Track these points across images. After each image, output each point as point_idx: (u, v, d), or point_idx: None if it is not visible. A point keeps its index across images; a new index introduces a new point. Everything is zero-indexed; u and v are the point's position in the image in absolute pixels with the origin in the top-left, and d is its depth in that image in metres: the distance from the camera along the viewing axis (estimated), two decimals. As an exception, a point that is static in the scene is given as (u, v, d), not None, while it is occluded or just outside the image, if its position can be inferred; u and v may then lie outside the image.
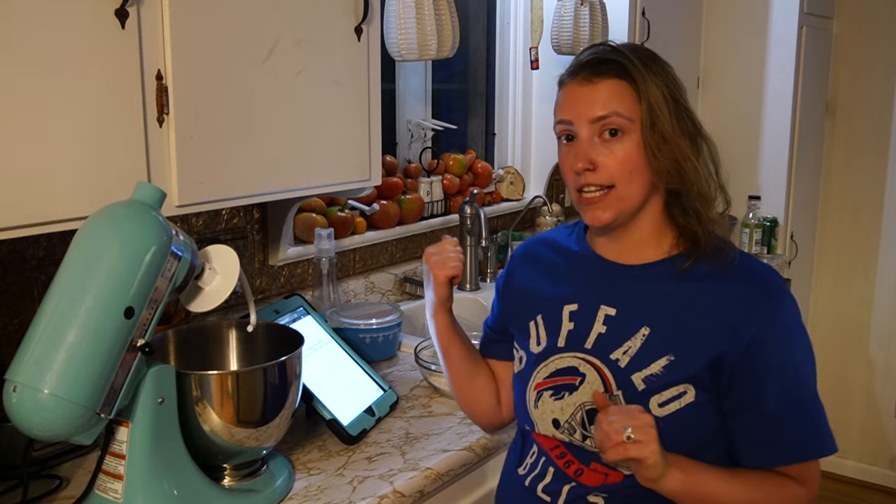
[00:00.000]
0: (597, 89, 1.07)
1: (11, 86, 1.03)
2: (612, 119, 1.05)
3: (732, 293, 1.06)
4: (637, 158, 1.06)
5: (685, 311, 1.07)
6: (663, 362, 1.06)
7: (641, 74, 1.06)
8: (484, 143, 2.68)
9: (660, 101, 1.06)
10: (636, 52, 1.09)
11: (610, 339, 1.10)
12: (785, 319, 1.06)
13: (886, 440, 3.34)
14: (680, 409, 1.05)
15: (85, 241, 1.00)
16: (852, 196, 3.29)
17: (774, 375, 1.04)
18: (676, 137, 1.06)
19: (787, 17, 2.87)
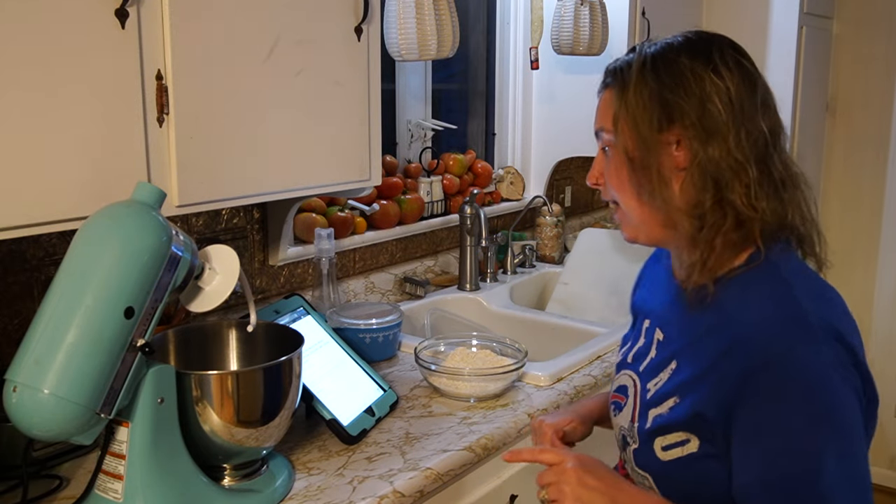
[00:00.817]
0: (601, 102, 1.05)
1: (11, 86, 1.03)
2: (602, 134, 1.03)
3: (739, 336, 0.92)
4: (620, 171, 1.00)
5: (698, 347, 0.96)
6: (671, 403, 0.98)
7: (628, 81, 0.98)
8: (484, 143, 2.68)
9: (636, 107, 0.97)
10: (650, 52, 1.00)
11: (654, 367, 1.04)
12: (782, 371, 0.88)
13: (886, 440, 3.34)
14: (683, 457, 0.96)
15: (85, 241, 1.00)
16: (852, 195, 3.29)
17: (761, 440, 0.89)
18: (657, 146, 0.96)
19: (787, 17, 2.86)
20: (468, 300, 2.18)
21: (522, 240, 2.56)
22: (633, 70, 0.98)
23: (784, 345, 0.88)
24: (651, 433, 1.00)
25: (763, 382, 0.88)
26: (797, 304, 0.92)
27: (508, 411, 1.49)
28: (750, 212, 0.95)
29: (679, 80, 0.96)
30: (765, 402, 0.88)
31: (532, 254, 2.51)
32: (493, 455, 1.41)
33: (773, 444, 0.88)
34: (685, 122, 0.96)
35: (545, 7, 2.41)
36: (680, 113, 0.96)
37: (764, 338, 0.90)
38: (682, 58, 0.97)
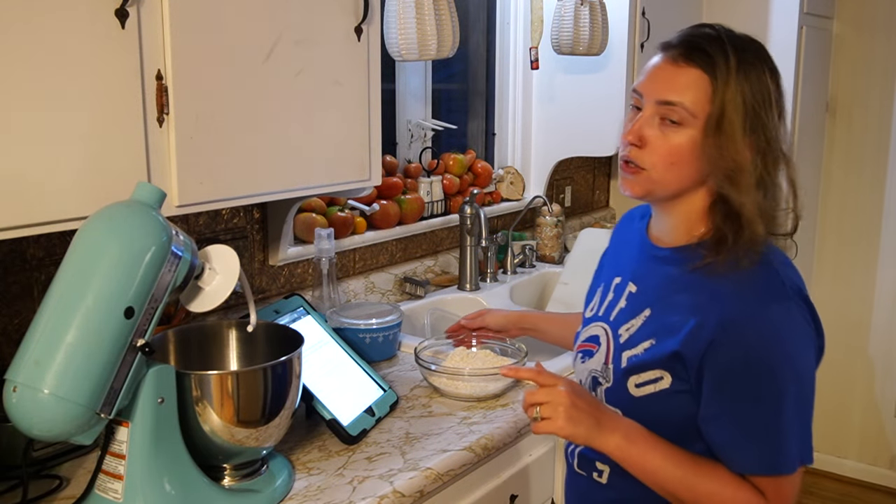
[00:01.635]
0: (677, 73, 1.07)
1: (11, 86, 1.03)
2: (676, 108, 1.06)
3: (718, 292, 1.04)
4: (685, 152, 1.06)
5: (677, 299, 1.09)
6: (646, 345, 1.10)
7: (726, 75, 1.04)
8: (484, 143, 2.68)
9: (737, 106, 1.04)
10: (739, 48, 1.06)
11: (624, 315, 1.16)
12: (757, 327, 1.01)
13: (886, 440, 3.34)
14: (655, 392, 1.08)
15: (85, 241, 1.00)
16: (852, 196, 3.29)
17: (732, 382, 1.02)
18: (741, 146, 1.04)
19: (787, 17, 2.86)
20: (468, 300, 2.18)
21: (522, 240, 2.56)
22: (732, 68, 1.04)
23: (762, 301, 1.01)
24: (626, 372, 1.11)
25: (740, 333, 1.00)
26: (772, 267, 1.05)
27: (508, 411, 1.49)
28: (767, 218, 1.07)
29: (765, 99, 1.06)
30: (740, 350, 1.01)
31: (532, 254, 2.51)
32: (494, 455, 1.42)
33: (743, 386, 1.01)
34: (759, 138, 1.06)
35: (545, 7, 2.41)
36: (762, 128, 1.06)
37: (743, 294, 1.02)
38: (766, 74, 1.07)
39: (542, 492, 1.57)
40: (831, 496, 3.32)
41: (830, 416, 3.44)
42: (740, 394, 1.02)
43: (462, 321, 1.62)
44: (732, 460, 1.05)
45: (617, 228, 1.35)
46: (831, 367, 3.40)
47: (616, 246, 1.31)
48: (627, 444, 1.06)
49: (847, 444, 3.43)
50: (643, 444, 1.06)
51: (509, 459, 1.49)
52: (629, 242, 1.25)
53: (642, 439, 1.07)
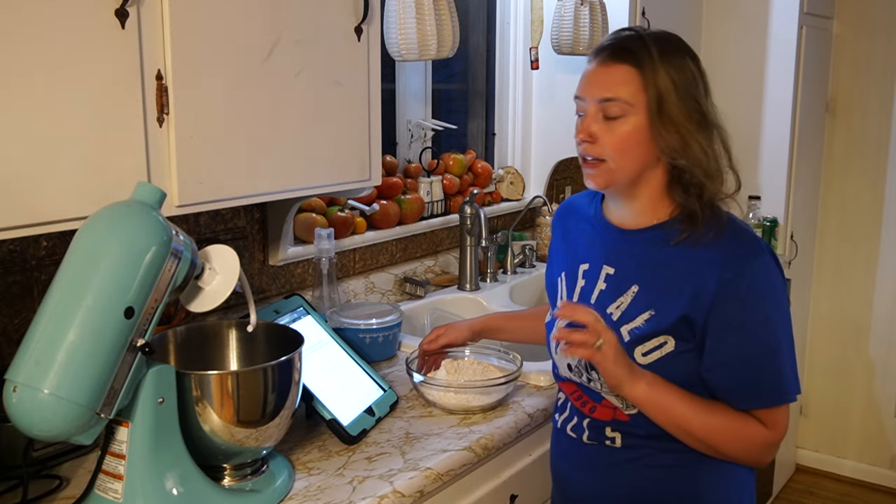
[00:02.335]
0: (609, 72, 1.20)
1: (11, 86, 1.03)
2: (615, 102, 1.18)
3: (705, 259, 1.17)
4: (633, 139, 1.18)
5: (666, 272, 1.20)
6: (646, 316, 1.20)
7: (652, 64, 1.17)
8: (484, 143, 2.68)
9: (669, 88, 1.17)
10: (659, 42, 1.20)
11: (607, 295, 1.25)
12: (747, 281, 1.15)
13: (886, 440, 3.34)
14: (661, 357, 1.19)
15: (85, 241, 1.00)
16: (852, 196, 3.29)
17: (734, 332, 1.16)
18: (684, 121, 1.17)
19: (787, 17, 2.86)
20: (468, 300, 2.18)
21: (522, 240, 2.56)
22: (655, 58, 1.17)
23: (746, 259, 1.16)
24: (630, 344, 1.21)
25: (735, 288, 1.15)
26: (744, 230, 1.21)
27: (508, 411, 1.49)
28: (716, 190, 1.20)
29: (692, 80, 1.20)
30: (737, 303, 1.15)
31: (532, 254, 2.51)
32: (493, 455, 1.42)
33: (744, 333, 1.16)
34: (695, 113, 1.18)
35: (545, 7, 2.41)
36: (694, 104, 1.19)
37: (730, 255, 1.16)
38: (687, 59, 1.21)
39: (542, 492, 1.57)
40: (831, 496, 3.32)
41: (830, 416, 3.44)
42: (742, 341, 1.16)
43: (423, 346, 1.55)
44: (740, 399, 1.19)
45: (557, 222, 1.44)
46: (831, 367, 3.41)
47: (565, 237, 1.40)
48: (651, 390, 1.18)
49: (847, 444, 3.43)
50: (665, 389, 1.19)
51: (509, 459, 1.49)
52: (582, 232, 1.35)
53: (664, 385, 1.19)
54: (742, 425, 1.19)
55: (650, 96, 1.17)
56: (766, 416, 1.19)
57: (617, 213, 1.29)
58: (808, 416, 3.48)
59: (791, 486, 3.38)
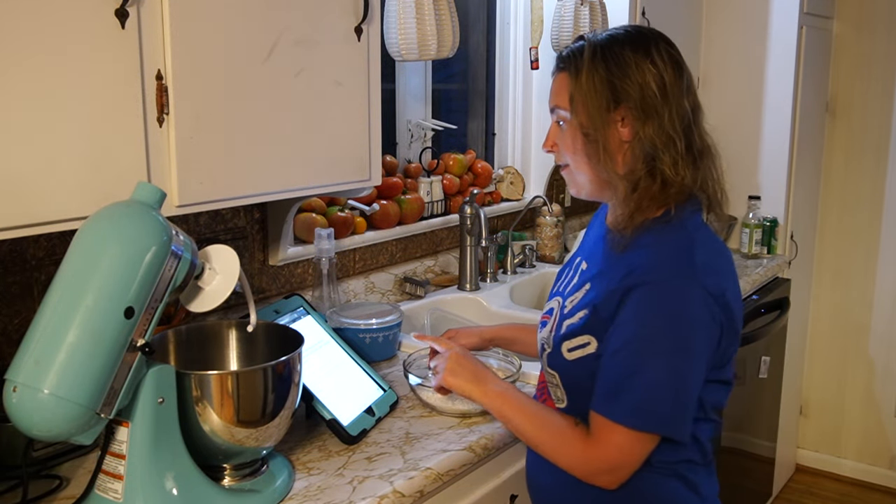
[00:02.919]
0: (554, 82, 1.24)
1: (11, 86, 1.03)
2: (556, 111, 1.23)
3: (633, 263, 1.14)
4: (575, 142, 1.20)
5: (609, 272, 1.19)
6: (581, 314, 1.20)
7: (581, 67, 1.17)
8: (484, 143, 2.68)
9: (589, 90, 1.16)
10: (600, 44, 1.18)
11: (573, 290, 1.27)
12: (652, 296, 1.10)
13: (886, 440, 3.34)
14: (584, 356, 1.18)
15: (85, 241, 1.00)
16: (852, 196, 3.29)
17: (618, 333, 1.12)
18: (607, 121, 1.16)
19: (787, 17, 2.86)
20: (468, 300, 2.18)
21: (522, 240, 2.56)
22: (585, 58, 1.17)
23: (664, 274, 1.11)
24: (562, 338, 1.21)
25: (639, 296, 1.10)
26: (690, 253, 1.14)
27: (508, 411, 1.49)
28: (675, 178, 1.16)
29: (624, 68, 1.16)
30: (635, 308, 1.11)
31: (532, 254, 2.51)
32: (493, 455, 1.41)
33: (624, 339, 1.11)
34: (629, 104, 1.16)
35: (545, 7, 2.41)
36: (625, 96, 1.15)
37: (653, 267, 1.13)
38: (626, 50, 1.17)
39: (542, 492, 1.57)
40: (831, 496, 3.32)
41: (830, 416, 3.44)
42: (619, 343, 1.12)
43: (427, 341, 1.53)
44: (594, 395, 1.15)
45: (594, 217, 1.44)
46: (831, 367, 3.41)
47: (587, 233, 1.42)
48: (489, 397, 1.26)
49: (847, 444, 3.43)
50: (503, 398, 1.25)
51: (509, 459, 1.49)
52: (593, 229, 1.37)
53: (504, 394, 1.26)
54: (560, 438, 1.18)
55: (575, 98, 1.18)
56: (595, 426, 1.13)
57: (609, 213, 1.30)
58: (808, 416, 3.48)
59: (791, 486, 3.38)
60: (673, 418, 1.11)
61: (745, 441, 2.75)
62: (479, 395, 1.28)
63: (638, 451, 1.12)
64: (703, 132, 1.21)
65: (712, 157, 1.21)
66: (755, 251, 2.88)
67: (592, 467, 1.14)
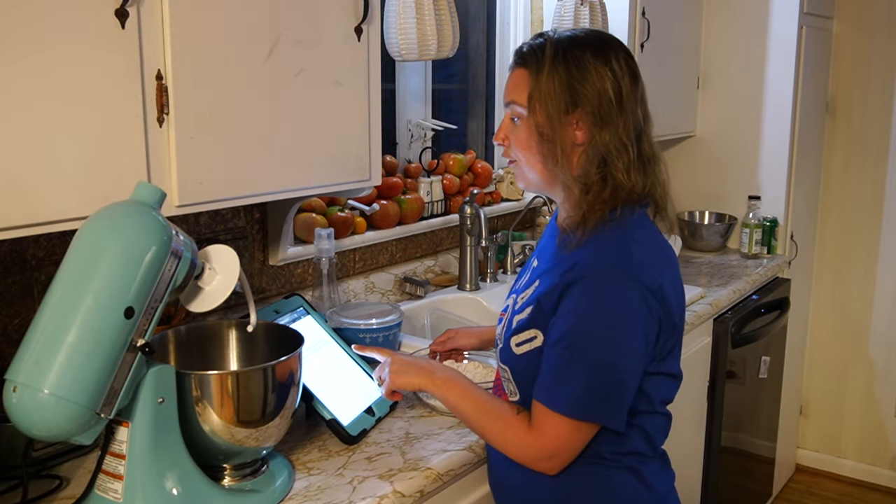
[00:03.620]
0: (512, 77, 1.23)
1: (11, 85, 1.03)
2: (511, 106, 1.22)
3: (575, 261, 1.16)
4: (530, 140, 1.20)
5: (554, 269, 1.20)
6: (529, 310, 1.21)
7: (542, 66, 1.17)
8: (484, 143, 2.68)
9: (549, 91, 1.16)
10: (560, 43, 1.18)
11: (524, 287, 1.28)
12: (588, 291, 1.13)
13: (886, 440, 3.34)
14: (531, 350, 1.20)
15: (85, 241, 1.00)
16: (852, 196, 3.29)
17: (556, 326, 1.15)
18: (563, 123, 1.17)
19: (787, 17, 2.86)
20: (468, 300, 2.18)
21: (522, 240, 2.56)
22: (547, 57, 1.17)
23: (602, 269, 1.15)
24: (511, 333, 1.23)
25: (578, 290, 1.13)
26: (628, 250, 1.16)
27: (508, 411, 1.49)
28: (627, 183, 1.18)
29: (584, 72, 1.16)
30: (574, 302, 1.13)
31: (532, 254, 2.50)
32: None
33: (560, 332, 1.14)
34: (586, 108, 1.16)
35: (545, 7, 2.41)
36: (583, 100, 1.16)
37: (592, 263, 1.15)
38: (588, 54, 1.17)
39: (542, 492, 1.57)
40: (831, 496, 3.32)
41: (830, 416, 3.44)
42: (558, 335, 1.14)
43: (433, 347, 1.59)
44: (536, 384, 1.17)
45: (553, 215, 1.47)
46: (831, 367, 3.41)
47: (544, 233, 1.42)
48: (436, 385, 1.26)
49: (847, 444, 3.43)
50: (449, 385, 1.25)
51: (509, 459, 1.49)
52: (548, 229, 1.37)
53: (450, 380, 1.26)
54: (503, 424, 1.19)
55: (531, 97, 1.18)
56: (536, 415, 1.16)
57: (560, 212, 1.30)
58: (808, 416, 3.48)
59: (791, 486, 3.38)
60: (609, 408, 1.15)
61: (745, 441, 2.75)
62: (429, 384, 1.28)
63: (575, 440, 1.15)
64: (651, 140, 1.24)
65: (659, 163, 1.24)
66: (755, 251, 2.88)
67: (532, 453, 1.17)
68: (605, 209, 1.18)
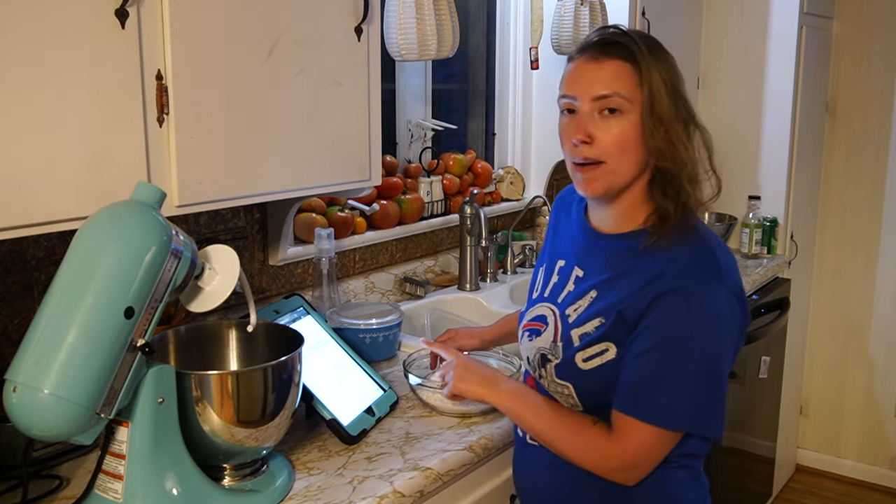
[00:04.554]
0: (602, 68, 1.15)
1: (11, 86, 1.03)
2: (612, 99, 1.14)
3: (657, 269, 1.12)
4: (631, 137, 1.14)
5: (624, 279, 1.16)
6: (596, 323, 1.17)
7: (645, 60, 1.13)
8: (484, 143, 2.68)
9: (660, 86, 1.13)
10: (644, 38, 1.16)
11: (572, 297, 1.23)
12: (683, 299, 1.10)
13: (886, 440, 3.34)
14: (602, 364, 1.16)
15: (85, 241, 1.00)
16: (852, 196, 3.29)
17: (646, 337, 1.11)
18: (673, 121, 1.14)
19: (787, 17, 2.86)
20: (468, 300, 2.18)
21: (522, 240, 2.56)
22: (648, 54, 1.14)
23: (695, 279, 1.11)
24: (576, 350, 1.18)
25: (671, 300, 1.10)
26: (714, 256, 1.14)
27: (508, 411, 1.49)
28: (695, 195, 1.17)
29: (679, 79, 1.17)
30: (666, 309, 1.10)
31: (532, 254, 2.51)
32: (494, 455, 1.41)
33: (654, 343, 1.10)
34: (682, 112, 1.16)
35: (545, 7, 2.41)
36: (682, 102, 1.16)
37: (682, 272, 1.12)
38: (668, 55, 1.17)
39: (542, 492, 1.57)
40: (831, 496, 3.32)
41: (830, 416, 3.44)
42: (648, 345, 1.11)
43: (434, 349, 1.54)
44: (617, 396, 1.14)
45: (554, 210, 1.41)
46: (831, 367, 3.41)
47: (555, 228, 1.38)
48: (501, 398, 1.25)
49: (847, 444, 3.43)
50: (515, 398, 1.24)
51: (509, 459, 1.48)
52: (567, 227, 1.33)
53: (516, 394, 1.25)
54: (583, 436, 1.16)
55: (644, 93, 1.13)
56: (620, 426, 1.13)
57: (596, 216, 1.26)
58: (808, 416, 3.48)
59: (791, 486, 3.38)
60: (710, 416, 1.12)
61: (745, 441, 2.75)
62: (492, 398, 1.27)
63: (660, 449, 1.13)
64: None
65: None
66: (755, 251, 2.88)
67: (613, 464, 1.14)
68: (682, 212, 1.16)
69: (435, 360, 1.57)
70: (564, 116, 1.19)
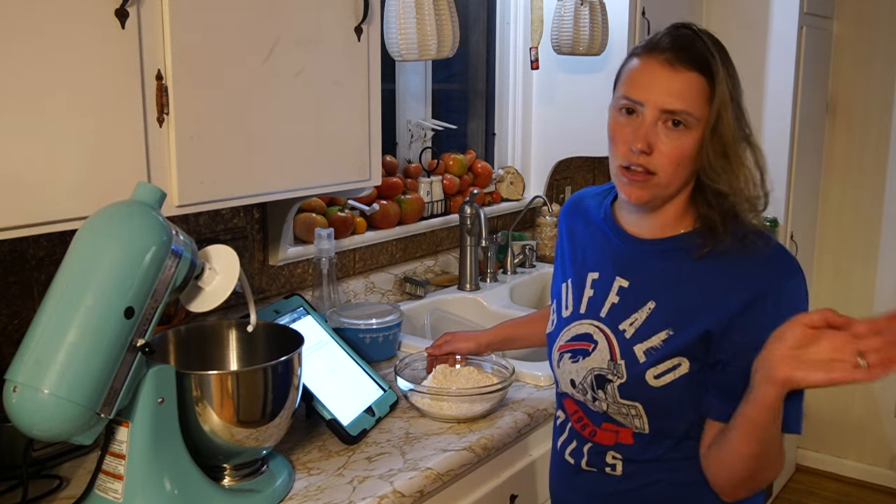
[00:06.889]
0: (676, 79, 1.08)
1: (11, 85, 1.03)
2: (682, 115, 1.08)
3: (735, 274, 1.09)
4: (688, 153, 1.09)
5: (688, 287, 1.12)
6: (663, 336, 1.12)
7: (719, 74, 1.08)
8: (484, 143, 2.68)
9: (727, 105, 1.09)
10: (716, 45, 1.11)
11: (620, 310, 1.17)
12: (773, 300, 1.08)
13: (886, 440, 3.34)
14: (675, 380, 1.11)
15: (85, 241, 1.00)
16: (852, 196, 3.29)
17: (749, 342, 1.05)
18: (731, 142, 1.09)
19: (787, 16, 2.86)
20: (468, 300, 2.18)
21: (522, 240, 2.56)
22: (721, 66, 1.09)
23: (779, 277, 1.09)
24: (644, 365, 1.12)
25: (762, 306, 1.07)
26: (782, 247, 1.13)
27: (508, 411, 1.49)
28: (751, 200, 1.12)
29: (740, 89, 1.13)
30: (760, 320, 1.06)
31: (532, 254, 2.51)
32: (494, 455, 1.42)
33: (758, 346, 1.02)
34: (744, 127, 1.12)
35: (545, 7, 2.41)
36: (744, 117, 1.13)
37: (763, 272, 1.09)
38: (733, 65, 1.12)
39: (542, 492, 1.57)
40: (831, 496, 3.32)
41: (830, 416, 3.43)
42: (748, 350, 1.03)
43: (429, 351, 1.54)
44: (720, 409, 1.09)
45: (564, 220, 1.35)
46: (831, 367, 3.40)
47: (571, 238, 1.31)
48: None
49: (847, 444, 3.43)
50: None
51: (509, 459, 1.49)
52: (592, 236, 1.26)
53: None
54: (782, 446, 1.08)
55: (712, 112, 1.08)
56: None
57: (632, 221, 1.20)
58: (808, 417, 3.48)
59: (791, 486, 3.38)
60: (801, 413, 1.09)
61: (745, 441, 2.75)
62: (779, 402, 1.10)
63: None
64: None
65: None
66: (755, 251, 2.88)
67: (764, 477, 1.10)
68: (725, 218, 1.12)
69: (431, 365, 1.57)
70: (622, 116, 1.12)
